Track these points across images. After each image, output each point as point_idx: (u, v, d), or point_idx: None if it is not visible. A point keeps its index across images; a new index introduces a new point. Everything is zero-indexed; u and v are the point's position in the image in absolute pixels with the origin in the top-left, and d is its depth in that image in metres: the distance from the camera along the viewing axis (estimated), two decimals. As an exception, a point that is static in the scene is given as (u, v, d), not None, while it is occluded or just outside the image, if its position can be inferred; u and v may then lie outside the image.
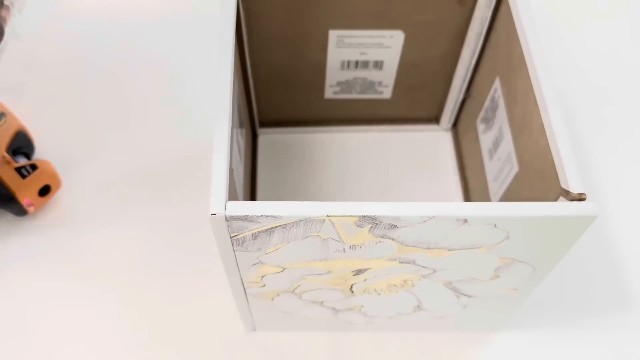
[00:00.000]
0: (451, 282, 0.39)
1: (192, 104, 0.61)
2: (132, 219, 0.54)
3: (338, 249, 0.34)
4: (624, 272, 0.52)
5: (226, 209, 0.31)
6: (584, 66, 0.65)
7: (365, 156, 0.58)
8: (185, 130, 0.59)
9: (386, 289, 0.40)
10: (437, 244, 0.34)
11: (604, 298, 0.51)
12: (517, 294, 0.41)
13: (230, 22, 0.38)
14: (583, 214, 0.32)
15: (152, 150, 0.58)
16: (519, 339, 0.49)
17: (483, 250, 0.35)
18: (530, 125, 0.39)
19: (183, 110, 0.60)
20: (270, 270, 0.37)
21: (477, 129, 0.52)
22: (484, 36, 0.48)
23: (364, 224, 0.32)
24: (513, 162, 0.43)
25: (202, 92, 0.61)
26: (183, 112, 0.60)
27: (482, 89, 0.50)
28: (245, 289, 0.40)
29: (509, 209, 0.32)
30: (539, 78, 0.37)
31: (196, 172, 0.56)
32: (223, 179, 0.32)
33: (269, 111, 0.57)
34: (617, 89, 0.63)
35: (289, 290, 0.40)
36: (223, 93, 0.35)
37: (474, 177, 0.53)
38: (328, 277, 0.38)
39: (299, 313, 0.44)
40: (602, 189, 0.56)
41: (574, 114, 0.61)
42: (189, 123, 0.59)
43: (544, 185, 0.37)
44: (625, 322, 0.50)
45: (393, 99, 0.56)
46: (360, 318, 0.46)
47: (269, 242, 0.33)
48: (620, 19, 0.68)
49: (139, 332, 0.49)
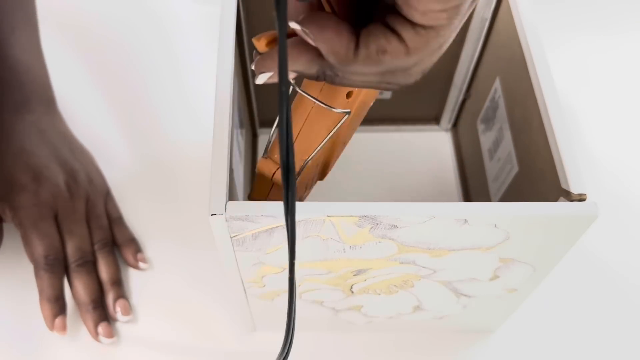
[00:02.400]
0: (451, 282, 0.39)
1: (192, 104, 0.61)
2: (132, 219, 0.54)
3: (338, 249, 0.34)
4: (624, 272, 0.52)
5: (226, 209, 0.31)
6: (584, 66, 0.64)
7: (365, 156, 0.57)
8: (185, 131, 0.59)
9: (386, 289, 0.40)
10: (437, 244, 0.34)
11: (604, 298, 0.51)
12: (517, 294, 0.41)
13: (230, 22, 0.38)
14: (583, 214, 0.32)
15: (152, 150, 0.58)
16: (519, 339, 0.49)
17: (483, 251, 0.35)
18: (530, 125, 0.39)
19: (183, 110, 0.60)
20: (271, 271, 0.37)
21: (477, 129, 0.52)
22: (484, 36, 0.48)
23: (364, 224, 0.32)
24: (513, 162, 0.43)
25: (202, 92, 0.61)
26: (183, 112, 0.60)
27: (482, 89, 0.50)
28: (245, 289, 0.40)
29: (509, 209, 0.32)
30: (539, 78, 0.37)
31: (196, 173, 0.55)
32: (223, 179, 0.32)
33: (269, 111, 0.57)
34: (617, 88, 0.63)
35: (289, 291, 0.40)
36: (223, 93, 0.35)
37: (474, 177, 0.53)
38: (328, 277, 0.38)
39: (299, 313, 0.44)
40: (602, 189, 0.56)
41: (574, 114, 0.61)
42: (189, 123, 0.59)
43: (544, 185, 0.37)
44: (625, 322, 0.50)
45: (393, 99, 0.56)
46: (360, 318, 0.46)
47: (269, 243, 0.33)
48: (620, 18, 0.68)
49: (138, 332, 0.49)
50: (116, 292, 0.49)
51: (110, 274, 0.49)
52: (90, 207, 0.51)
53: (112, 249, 0.51)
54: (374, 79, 0.27)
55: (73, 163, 0.52)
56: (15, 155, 0.49)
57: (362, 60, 0.26)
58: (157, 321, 0.49)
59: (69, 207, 0.49)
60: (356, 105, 0.32)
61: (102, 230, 0.51)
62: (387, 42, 0.25)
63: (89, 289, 0.48)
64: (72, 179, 0.51)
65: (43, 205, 0.48)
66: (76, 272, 0.48)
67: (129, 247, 0.51)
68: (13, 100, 0.51)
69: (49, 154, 0.51)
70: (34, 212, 0.48)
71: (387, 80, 0.27)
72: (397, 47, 0.25)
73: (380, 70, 0.26)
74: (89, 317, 0.47)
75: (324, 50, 0.26)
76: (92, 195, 0.51)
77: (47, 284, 0.47)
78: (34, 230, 0.47)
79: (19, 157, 0.49)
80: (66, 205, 0.49)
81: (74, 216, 0.49)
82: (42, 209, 0.48)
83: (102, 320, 0.47)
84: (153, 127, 0.59)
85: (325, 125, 0.33)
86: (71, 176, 0.51)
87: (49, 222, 0.48)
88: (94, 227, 0.50)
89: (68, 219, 0.49)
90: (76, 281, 0.48)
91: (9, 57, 0.51)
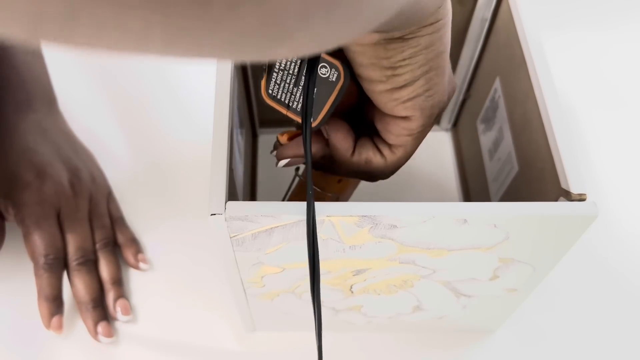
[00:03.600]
0: (451, 282, 0.39)
1: (192, 104, 0.61)
2: (132, 219, 0.54)
3: (338, 249, 0.34)
4: (624, 272, 0.52)
5: (226, 209, 0.31)
6: (584, 66, 0.64)
7: (365, 156, 0.57)
8: (185, 131, 0.59)
9: (386, 289, 0.40)
10: (436, 244, 0.34)
11: (603, 298, 0.51)
12: (517, 294, 0.41)
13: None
14: (583, 213, 0.32)
15: (152, 150, 0.58)
16: (519, 339, 0.49)
17: (483, 251, 0.35)
18: (530, 125, 0.39)
19: (183, 110, 0.60)
20: (270, 271, 0.37)
21: (477, 129, 0.52)
22: (484, 36, 0.48)
23: (364, 224, 0.32)
24: (513, 162, 0.43)
25: (202, 92, 0.61)
26: (183, 112, 0.60)
27: (482, 89, 0.50)
28: (245, 289, 0.40)
29: (508, 209, 0.32)
30: (539, 78, 0.37)
31: (196, 173, 0.55)
32: (222, 179, 0.32)
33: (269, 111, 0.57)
34: (617, 88, 0.63)
35: (289, 291, 0.40)
36: (222, 93, 0.35)
37: (474, 177, 0.53)
38: (328, 277, 0.38)
39: (298, 313, 0.44)
40: (602, 189, 0.56)
41: (574, 114, 0.61)
42: (189, 123, 0.59)
43: (544, 185, 0.37)
44: (625, 322, 0.50)
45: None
46: (360, 318, 0.46)
47: (269, 243, 0.33)
48: (621, 18, 0.68)
49: (138, 331, 0.49)
50: (116, 291, 0.49)
51: (111, 274, 0.49)
52: (93, 206, 0.51)
53: (113, 248, 0.51)
54: (356, 172, 0.36)
55: (76, 162, 0.52)
56: (19, 153, 0.49)
57: (354, 161, 0.35)
58: (157, 321, 0.49)
59: (72, 205, 0.49)
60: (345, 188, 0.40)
61: (104, 230, 0.51)
62: (373, 155, 0.35)
63: (89, 287, 0.48)
64: (76, 178, 0.51)
65: (46, 203, 0.48)
66: (77, 270, 0.48)
67: (130, 247, 0.51)
68: (16, 100, 0.51)
69: (52, 152, 0.51)
70: (37, 209, 0.48)
71: (361, 177, 0.37)
72: (379, 160, 0.35)
73: (362, 171, 0.36)
74: (88, 316, 0.47)
75: (332, 144, 0.35)
76: (95, 195, 0.52)
77: (46, 283, 0.47)
78: (36, 229, 0.47)
79: (22, 155, 0.49)
80: (69, 203, 0.49)
81: (76, 214, 0.49)
82: (45, 207, 0.48)
83: (101, 320, 0.47)
84: (153, 127, 0.59)
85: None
86: (74, 175, 0.51)
87: (51, 220, 0.48)
88: (96, 226, 0.50)
89: (71, 217, 0.49)
90: (77, 280, 0.48)
91: (11, 56, 0.52)
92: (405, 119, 0.33)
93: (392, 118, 0.33)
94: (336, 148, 0.35)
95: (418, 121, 0.33)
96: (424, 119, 0.33)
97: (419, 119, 0.32)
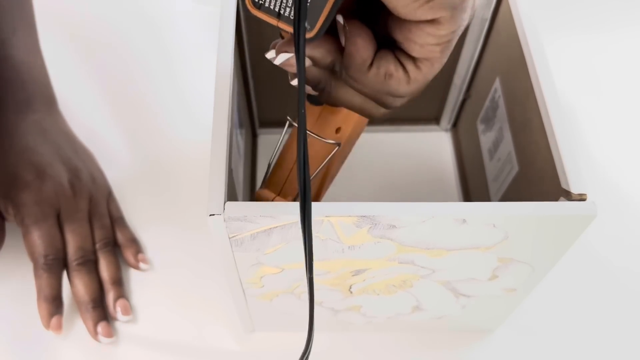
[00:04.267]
0: (450, 282, 0.39)
1: (192, 104, 0.61)
2: (132, 219, 0.54)
3: (337, 250, 0.34)
4: (623, 272, 0.52)
5: (225, 209, 0.31)
6: (584, 66, 0.64)
7: (365, 156, 0.57)
8: (185, 131, 0.59)
9: (385, 290, 0.40)
10: (436, 244, 0.34)
11: (603, 298, 0.51)
12: (516, 294, 0.41)
13: (230, 22, 0.38)
14: (582, 213, 0.32)
15: (152, 151, 0.58)
16: (518, 339, 0.49)
17: (482, 250, 0.35)
18: (530, 125, 0.39)
19: (183, 110, 0.60)
20: (269, 271, 0.37)
21: (477, 129, 0.51)
22: (484, 36, 0.48)
23: (363, 224, 0.32)
24: (513, 162, 0.43)
25: (202, 92, 0.61)
26: (183, 112, 0.60)
27: (482, 89, 0.50)
28: (244, 289, 0.40)
29: (507, 209, 0.32)
30: (539, 78, 0.37)
31: (196, 173, 0.56)
32: (222, 179, 0.32)
33: (269, 111, 0.57)
34: (617, 88, 0.63)
35: (288, 291, 0.40)
36: (222, 93, 0.35)
37: (474, 177, 0.53)
38: (327, 277, 0.38)
39: (298, 313, 0.44)
40: (602, 189, 0.56)
41: (574, 114, 0.61)
42: (189, 123, 0.59)
43: (544, 185, 0.37)
44: (625, 322, 0.50)
45: (393, 99, 0.56)
46: (360, 318, 0.46)
47: (268, 243, 0.33)
48: (621, 18, 0.68)
49: (138, 332, 0.49)
50: (116, 291, 0.49)
51: (111, 274, 0.49)
52: (93, 206, 0.51)
53: (113, 248, 0.51)
54: (368, 93, 0.31)
55: (76, 162, 0.52)
56: (19, 153, 0.49)
57: (371, 75, 0.30)
58: (156, 321, 0.49)
59: (71, 205, 0.49)
60: (344, 140, 0.36)
61: (104, 230, 0.51)
62: (395, 70, 0.30)
63: (89, 287, 0.48)
64: (76, 178, 0.51)
65: (46, 203, 0.48)
66: (77, 270, 0.48)
67: (130, 247, 0.51)
68: (16, 100, 0.51)
69: (52, 152, 0.51)
70: (37, 210, 0.48)
71: (377, 98, 0.32)
72: (401, 76, 0.30)
73: (379, 89, 0.31)
74: (88, 316, 0.47)
75: (348, 50, 0.30)
76: (95, 195, 0.52)
77: (45, 284, 0.47)
78: (36, 229, 0.47)
79: (22, 155, 0.49)
80: (69, 203, 0.49)
81: (76, 215, 0.49)
82: (45, 207, 0.48)
83: (101, 320, 0.47)
84: (153, 127, 0.59)
85: (318, 157, 0.36)
86: (74, 175, 0.51)
87: (51, 220, 0.48)
88: (96, 226, 0.50)
89: (70, 217, 0.49)
90: (77, 280, 0.48)
91: (11, 57, 0.52)
92: (432, 23, 0.28)
93: (416, 24, 0.28)
94: (352, 57, 0.30)
95: (448, 24, 0.28)
96: (454, 23, 0.28)
97: (449, 21, 0.27)
